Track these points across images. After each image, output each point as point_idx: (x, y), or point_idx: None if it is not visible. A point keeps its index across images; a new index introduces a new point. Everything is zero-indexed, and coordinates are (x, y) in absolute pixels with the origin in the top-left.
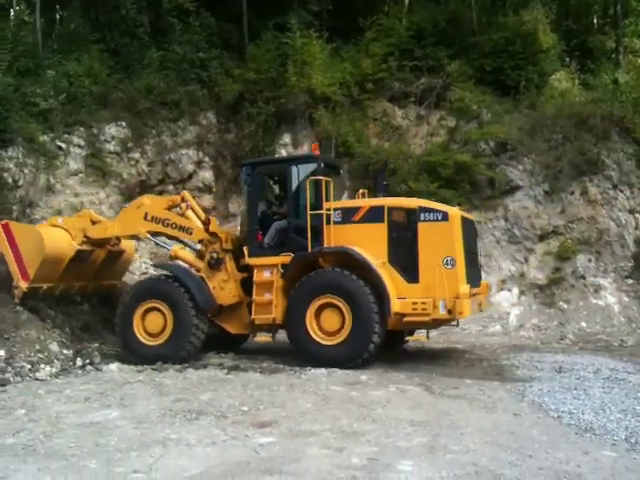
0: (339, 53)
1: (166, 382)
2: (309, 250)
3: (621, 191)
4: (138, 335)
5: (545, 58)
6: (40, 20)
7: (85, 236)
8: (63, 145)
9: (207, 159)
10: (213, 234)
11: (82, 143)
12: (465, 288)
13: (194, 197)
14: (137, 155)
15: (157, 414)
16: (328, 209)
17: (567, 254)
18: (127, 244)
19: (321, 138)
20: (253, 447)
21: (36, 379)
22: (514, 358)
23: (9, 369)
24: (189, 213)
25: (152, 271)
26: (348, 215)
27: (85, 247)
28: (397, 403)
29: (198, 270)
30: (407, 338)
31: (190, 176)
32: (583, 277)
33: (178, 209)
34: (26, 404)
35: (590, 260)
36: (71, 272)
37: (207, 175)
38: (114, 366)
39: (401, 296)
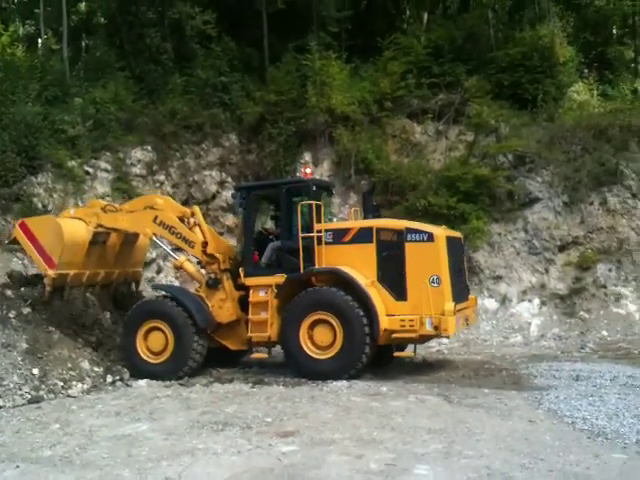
0: (358, 72)
1: (193, 396)
2: (301, 271)
3: None
4: (141, 353)
5: (563, 71)
6: (67, 49)
7: (98, 223)
8: (90, 170)
9: (230, 179)
10: (211, 256)
11: (109, 167)
12: (450, 305)
13: (216, 217)
14: (162, 177)
15: (185, 426)
16: (319, 231)
17: (587, 264)
18: None
19: (341, 156)
20: (276, 455)
21: (68, 396)
22: (533, 367)
23: (43, 387)
24: (196, 229)
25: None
26: (339, 236)
27: (101, 230)
28: (416, 412)
29: (200, 283)
30: (395, 354)
31: (214, 196)
32: (604, 286)
33: (186, 222)
34: (60, 419)
35: (610, 269)
36: (92, 257)
37: (230, 195)
38: (143, 382)
39: (390, 313)
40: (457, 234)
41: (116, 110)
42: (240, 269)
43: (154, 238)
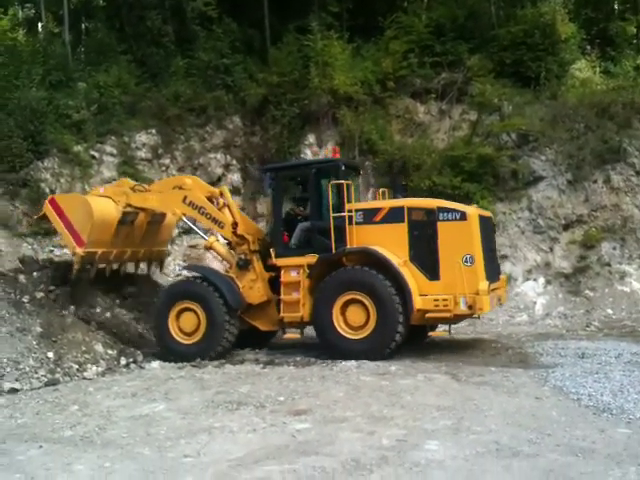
0: (360, 52)
1: (206, 377)
2: (333, 251)
3: None
4: (174, 334)
5: (565, 48)
6: (68, 33)
7: (127, 202)
8: (96, 154)
9: (235, 162)
10: (241, 237)
11: (114, 152)
12: (484, 285)
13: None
14: (167, 161)
15: (201, 406)
16: (350, 210)
17: (592, 242)
18: None
19: (345, 137)
20: (290, 432)
21: (84, 378)
22: (539, 346)
23: (58, 370)
24: (225, 210)
25: (185, 272)
26: (369, 216)
27: (129, 209)
28: (425, 390)
29: (230, 264)
30: (430, 333)
31: (219, 179)
32: (608, 264)
33: (215, 203)
34: (78, 401)
35: (615, 247)
36: (121, 236)
37: (235, 177)
38: (156, 364)
39: (423, 293)
40: (488, 213)
41: (120, 94)
42: (271, 250)
43: (183, 218)
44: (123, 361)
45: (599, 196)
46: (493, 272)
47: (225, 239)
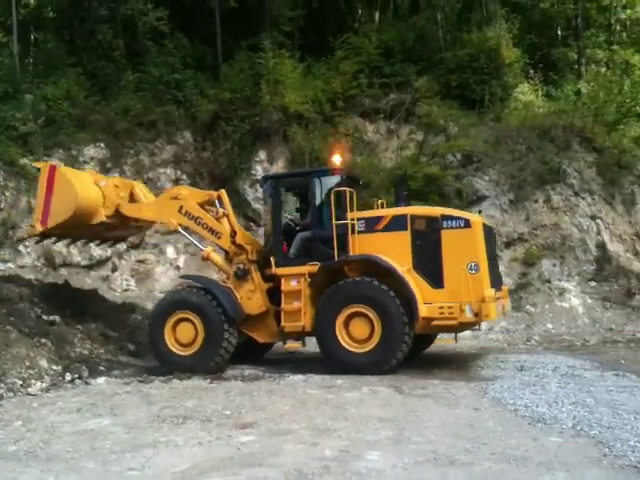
0: (311, 71)
1: (153, 392)
2: (335, 259)
3: (582, 198)
4: (170, 345)
5: (509, 72)
6: (17, 44)
7: (117, 209)
8: None
9: (185, 177)
10: (239, 246)
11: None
12: (490, 292)
13: None
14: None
15: (146, 420)
16: (352, 219)
17: (532, 260)
18: None
19: (295, 154)
20: (236, 445)
21: (28, 394)
22: (480, 359)
23: (1, 385)
24: (224, 220)
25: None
26: (371, 224)
27: (110, 220)
28: (369, 403)
29: (228, 276)
30: (435, 341)
31: None
32: (548, 281)
33: (214, 213)
34: (22, 416)
35: (555, 265)
36: (87, 232)
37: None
38: (102, 380)
39: (427, 301)
40: (489, 224)
41: (68, 107)
42: (271, 259)
43: (180, 230)
44: (68, 377)
45: (539, 215)
46: (496, 281)
47: (222, 249)
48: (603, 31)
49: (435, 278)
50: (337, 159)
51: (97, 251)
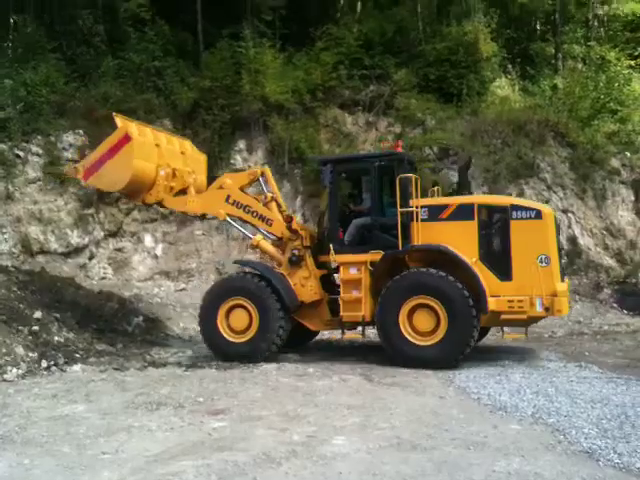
0: (292, 61)
1: (128, 379)
2: (399, 248)
3: (555, 192)
4: (222, 332)
5: (486, 66)
6: None
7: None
8: (21, 154)
9: None
10: (294, 231)
11: (40, 151)
12: (562, 286)
13: None
14: None
15: (121, 407)
16: (416, 206)
17: None
18: None
19: (275, 144)
20: (207, 431)
21: (4, 380)
22: None
23: None
24: (273, 205)
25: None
26: (435, 213)
27: (149, 202)
28: (338, 391)
29: (279, 263)
30: (506, 336)
31: None
32: None
33: (263, 198)
34: None
35: None
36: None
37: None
38: (77, 367)
39: (493, 294)
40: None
41: (47, 93)
42: (330, 246)
43: (229, 220)
44: (44, 364)
45: None
46: (562, 274)
47: (274, 236)
48: (581, 27)
49: (502, 270)
50: (399, 144)
51: (74, 239)
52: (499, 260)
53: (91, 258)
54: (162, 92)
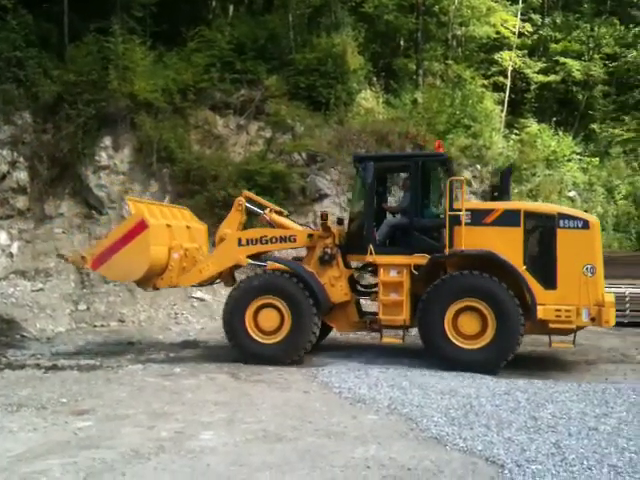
0: (162, 60)
1: None
2: (446, 251)
3: None
4: (250, 332)
5: (353, 78)
6: None
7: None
8: None
9: (22, 159)
10: (327, 229)
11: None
12: (610, 296)
13: (6, 198)
14: None
15: None
16: (460, 210)
17: None
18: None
19: (143, 142)
20: (72, 430)
21: None
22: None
23: None
24: (278, 218)
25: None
26: (478, 217)
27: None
28: (205, 388)
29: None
30: (553, 345)
31: (4, 177)
32: None
33: (265, 212)
34: None
35: None
36: None
37: (22, 176)
38: None
39: (538, 302)
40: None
41: None
42: (370, 246)
43: (252, 262)
44: None
45: None
46: None
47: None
48: (440, 46)
49: (547, 278)
50: (441, 145)
51: None
52: (544, 268)
53: None
54: (23, 83)
